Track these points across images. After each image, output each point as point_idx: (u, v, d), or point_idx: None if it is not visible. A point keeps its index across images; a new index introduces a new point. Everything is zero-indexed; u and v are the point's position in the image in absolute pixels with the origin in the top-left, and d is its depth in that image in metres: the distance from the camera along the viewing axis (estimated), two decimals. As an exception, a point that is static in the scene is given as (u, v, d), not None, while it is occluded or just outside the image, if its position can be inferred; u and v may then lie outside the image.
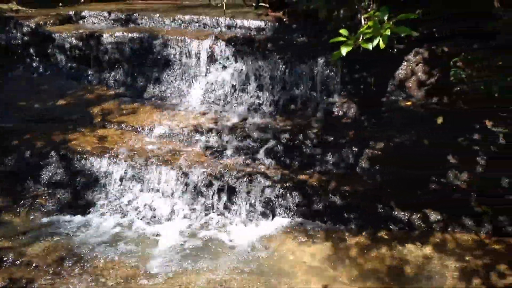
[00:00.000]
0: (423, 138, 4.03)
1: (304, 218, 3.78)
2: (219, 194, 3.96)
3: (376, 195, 3.77)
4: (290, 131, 4.43)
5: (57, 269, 3.18)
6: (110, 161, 4.16)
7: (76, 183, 4.12)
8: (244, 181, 3.97)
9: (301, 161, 4.19)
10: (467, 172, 3.73)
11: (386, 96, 4.62)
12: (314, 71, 4.93)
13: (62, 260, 3.27)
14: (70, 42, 5.81)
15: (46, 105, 5.37)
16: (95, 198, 4.02)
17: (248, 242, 3.56)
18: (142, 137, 4.62)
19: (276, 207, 3.86)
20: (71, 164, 4.21)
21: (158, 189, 4.06)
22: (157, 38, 5.50)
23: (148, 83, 5.51)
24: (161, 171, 4.09)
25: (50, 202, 3.99)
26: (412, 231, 3.54)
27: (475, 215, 3.51)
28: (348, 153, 4.12)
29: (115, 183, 4.07)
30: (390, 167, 3.92)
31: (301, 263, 3.30)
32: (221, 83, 5.14)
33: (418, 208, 3.62)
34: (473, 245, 3.32)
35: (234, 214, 3.90)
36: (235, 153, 4.34)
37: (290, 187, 3.90)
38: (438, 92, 4.38)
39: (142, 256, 3.37)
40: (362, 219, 3.68)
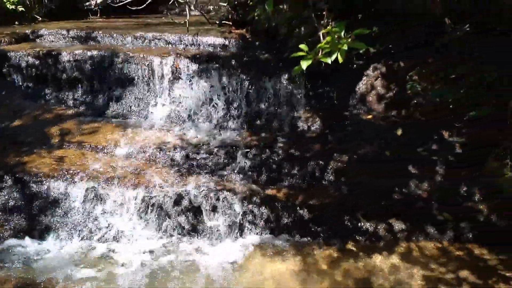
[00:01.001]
0: (385, 150, 4.14)
1: (273, 233, 3.76)
2: (185, 213, 3.87)
3: (342, 207, 3.81)
4: (256, 146, 4.44)
5: (11, 301, 2.97)
6: (68, 183, 3.98)
7: (33, 207, 3.91)
8: (211, 198, 3.91)
9: (269, 175, 4.19)
10: (427, 181, 3.86)
11: (348, 110, 4.74)
12: (278, 86, 4.99)
13: (18, 291, 3.06)
14: (27, 61, 5.59)
15: (1, 126, 5.10)
16: (53, 222, 3.82)
17: (216, 261, 3.49)
18: (103, 156, 4.47)
19: (244, 223, 3.82)
20: (27, 187, 3.99)
21: (121, 210, 3.91)
22: (119, 55, 5.39)
23: (109, 102, 5.37)
24: (123, 192, 3.95)
25: (4, 228, 3.75)
26: (379, 241, 3.59)
27: (437, 223, 3.62)
28: (314, 166, 4.17)
29: (74, 205, 3.89)
30: (355, 178, 3.99)
31: (271, 280, 3.27)
32: (185, 100, 5.10)
33: (383, 218, 3.69)
34: (437, 252, 3.41)
35: (201, 233, 3.82)
36: (202, 170, 4.27)
37: (258, 203, 3.88)
38: (396, 105, 4.54)
39: (106, 280, 3.22)
40: (330, 231, 3.70)
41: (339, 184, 4.02)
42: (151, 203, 3.91)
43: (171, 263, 3.46)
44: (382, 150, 4.16)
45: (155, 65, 5.24)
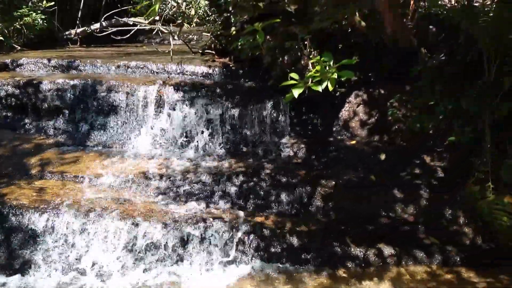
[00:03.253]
0: (369, 174, 4.21)
1: (263, 261, 3.71)
2: (173, 243, 3.78)
3: (331, 233, 3.82)
4: (243, 173, 4.43)
5: None
6: (50, 215, 3.85)
7: (12, 240, 3.74)
8: (199, 227, 3.85)
9: (256, 202, 4.18)
10: (412, 205, 3.94)
11: (333, 135, 4.84)
12: (263, 114, 5.06)
13: (-5, 332, 2.88)
14: (6, 90, 5.49)
15: (-24, 157, 4.93)
16: (34, 256, 3.65)
17: (206, 292, 3.39)
18: (85, 187, 4.36)
19: (234, 252, 3.76)
20: (5, 220, 3.83)
21: (105, 242, 3.79)
22: (101, 84, 5.37)
23: (91, 131, 5.30)
24: (107, 223, 3.84)
25: (-19, 265, 3.56)
26: (369, 267, 3.59)
27: (425, 247, 3.67)
28: (301, 192, 4.19)
29: (56, 238, 3.75)
30: (341, 204, 4.03)
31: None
32: (170, 128, 5.09)
33: (372, 243, 3.71)
34: (427, 277, 3.44)
35: (190, 264, 3.73)
36: (188, 199, 4.23)
37: (247, 231, 3.84)
38: (379, 130, 4.67)
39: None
40: (320, 258, 3.69)
41: (326, 210, 4.05)
42: (137, 234, 3.81)
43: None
44: (366, 175, 4.23)
45: (139, 93, 5.24)
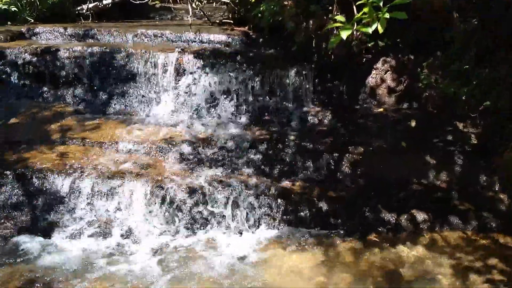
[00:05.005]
0: (399, 141, 4.08)
1: (291, 226, 3.63)
2: (199, 207, 3.71)
3: (361, 199, 3.71)
4: (267, 140, 4.32)
5: (21, 298, 2.75)
6: (74, 178, 3.79)
7: (37, 203, 3.69)
8: (225, 192, 3.76)
9: (282, 169, 4.07)
10: (445, 171, 3.80)
11: (359, 103, 4.69)
12: (286, 81, 4.91)
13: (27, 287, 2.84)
14: (23, 58, 5.39)
15: (-4, 125, 4.87)
16: (59, 219, 3.61)
17: (234, 254, 3.33)
18: (108, 152, 4.28)
19: (260, 216, 3.68)
20: (29, 183, 3.78)
21: (130, 205, 3.73)
22: (120, 51, 5.25)
23: (111, 99, 5.20)
24: (133, 186, 3.77)
25: (6, 225, 3.53)
26: (401, 232, 3.50)
27: (459, 213, 3.55)
28: (329, 159, 4.07)
29: (81, 201, 3.70)
30: (371, 170, 3.90)
31: (293, 272, 3.12)
32: (190, 95, 4.97)
33: (404, 210, 3.60)
34: (462, 242, 3.33)
35: (216, 227, 3.66)
36: (212, 165, 4.13)
37: (273, 196, 3.75)
38: (408, 97, 4.50)
39: (119, 277, 3.03)
40: (350, 223, 3.59)
41: (355, 176, 3.93)
42: (162, 197, 3.74)
43: (185, 258, 3.29)
44: (396, 142, 4.09)
45: (158, 61, 5.11)
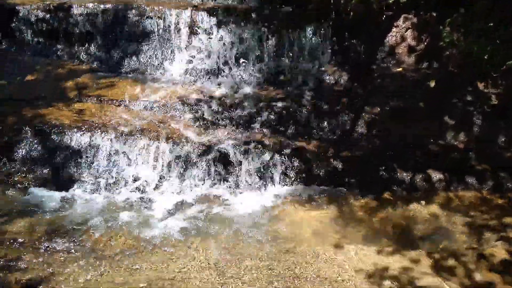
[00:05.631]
0: (418, 101, 4.01)
1: (305, 184, 3.66)
2: (214, 164, 3.75)
3: (376, 158, 3.70)
4: (282, 100, 4.29)
5: (45, 245, 2.87)
6: (92, 134, 3.84)
7: (56, 158, 3.77)
8: (240, 150, 3.78)
9: (297, 128, 4.06)
10: (464, 132, 3.75)
11: (376, 63, 4.57)
12: (302, 40, 4.79)
13: (49, 236, 2.96)
14: (36, 15, 5.33)
15: (13, 82, 4.90)
16: (78, 173, 3.69)
17: (250, 210, 3.40)
18: (124, 110, 4.31)
19: (275, 174, 3.71)
20: (48, 139, 3.85)
21: (147, 162, 3.78)
22: (133, 8, 5.15)
23: (125, 57, 5.16)
24: (150, 143, 3.81)
25: (27, 179, 3.63)
26: (416, 191, 3.51)
27: (475, 172, 3.53)
28: (344, 119, 4.04)
29: (99, 156, 3.76)
30: (388, 131, 3.87)
31: (308, 227, 3.18)
32: (205, 54, 4.90)
33: (420, 169, 3.59)
34: (477, 201, 3.33)
35: (230, 184, 3.71)
36: (227, 123, 4.14)
37: (288, 154, 3.76)
38: (428, 57, 4.37)
39: (138, 227, 3.13)
40: (365, 182, 3.61)
41: (370, 137, 3.90)
42: (179, 154, 3.78)
43: (202, 212, 3.37)
44: (414, 102, 4.02)
45: (171, 18, 5.01)
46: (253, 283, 2.63)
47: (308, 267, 2.79)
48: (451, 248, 2.91)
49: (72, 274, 2.64)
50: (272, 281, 2.67)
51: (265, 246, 2.96)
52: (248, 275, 2.69)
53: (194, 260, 2.81)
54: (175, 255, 2.85)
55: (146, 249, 2.89)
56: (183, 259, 2.82)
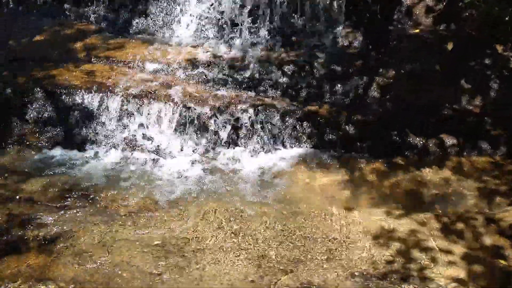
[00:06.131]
0: (434, 64, 3.90)
1: (316, 148, 3.66)
2: (225, 127, 3.74)
3: (389, 123, 3.66)
4: (294, 63, 4.20)
5: (60, 204, 2.94)
6: (104, 96, 3.83)
7: (68, 119, 3.79)
8: (251, 113, 3.76)
9: (309, 92, 4.00)
10: (479, 96, 3.66)
11: (393, 24, 4.42)
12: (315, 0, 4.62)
13: (64, 195, 3.03)
14: (41, -29, 5.19)
15: (21, 42, 4.86)
16: (90, 134, 3.72)
17: (261, 173, 3.42)
18: (134, 71, 4.26)
19: (286, 138, 3.70)
20: (59, 99, 3.85)
21: (158, 124, 3.79)
22: (141, -34, 4.98)
23: (133, 17, 5.05)
24: (160, 105, 3.80)
25: (40, 139, 3.67)
26: (428, 156, 3.48)
27: (490, 138, 3.48)
28: (358, 82, 3.96)
29: (111, 118, 3.77)
30: (402, 94, 3.79)
31: (318, 190, 3.20)
32: (214, 14, 4.76)
33: (433, 134, 3.55)
34: (490, 167, 3.31)
35: (241, 148, 3.72)
36: (237, 86, 4.09)
37: (299, 118, 3.73)
38: (446, 18, 4.21)
39: (150, 188, 3.18)
40: (376, 147, 3.59)
41: (384, 101, 3.84)
42: (187, 116, 3.77)
43: (213, 173, 3.40)
44: (430, 65, 3.91)
45: (180, -25, 4.84)
46: (264, 244, 2.69)
47: (318, 229, 2.83)
48: (461, 212, 2.93)
49: (87, 231, 2.72)
50: (282, 241, 2.72)
51: (275, 208, 3.00)
52: (259, 236, 2.74)
53: (206, 220, 2.86)
54: (187, 215, 2.90)
55: (159, 208, 2.95)
56: (195, 218, 2.88)
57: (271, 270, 2.51)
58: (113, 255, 2.54)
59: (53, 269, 2.42)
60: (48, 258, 2.49)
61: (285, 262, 2.56)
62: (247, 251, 2.62)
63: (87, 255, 2.53)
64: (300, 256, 2.60)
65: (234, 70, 4.22)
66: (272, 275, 2.47)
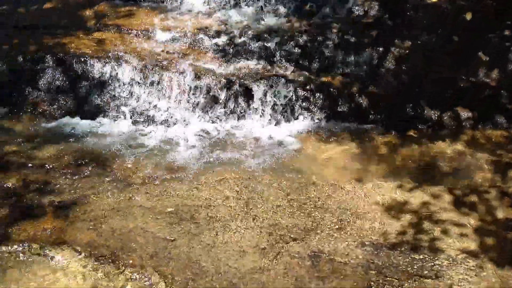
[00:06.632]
0: (451, 36, 3.79)
1: (328, 119, 3.63)
2: (236, 97, 3.71)
3: (403, 95, 3.60)
4: (308, 33, 4.11)
5: (74, 171, 2.97)
6: (114, 64, 3.79)
7: (79, 87, 3.78)
8: (262, 83, 3.71)
9: (322, 63, 3.93)
10: (497, 69, 3.57)
11: (410, -7, 4.27)
12: (330, -34, 4.48)
13: (78, 162, 3.06)
14: None
15: (30, 10, 4.80)
16: (101, 103, 3.72)
17: (272, 143, 3.41)
18: (144, 40, 4.21)
19: (298, 109, 3.67)
20: (70, 68, 3.83)
21: (169, 94, 3.77)
22: None
23: (143, -16, 4.93)
24: (171, 75, 3.76)
25: (52, 107, 3.68)
26: (442, 129, 3.44)
27: (506, 111, 3.41)
28: (372, 54, 3.87)
29: (122, 87, 3.75)
30: (417, 67, 3.71)
31: (330, 161, 3.19)
32: (226, -19, 4.64)
33: (448, 107, 3.49)
34: (505, 140, 3.26)
35: (252, 118, 3.69)
36: (249, 56, 4.02)
37: (311, 89, 3.68)
38: (467, -13, 4.05)
39: (162, 157, 3.19)
40: (390, 119, 3.54)
41: (399, 72, 3.76)
42: (199, 87, 3.74)
43: (224, 144, 3.40)
44: (448, 36, 3.80)
45: None
46: (276, 213, 2.71)
47: (329, 199, 2.84)
48: (474, 185, 2.91)
49: (101, 198, 2.76)
50: (293, 211, 2.74)
51: (287, 179, 3.01)
52: (271, 206, 2.76)
53: (218, 190, 2.89)
54: (199, 184, 2.92)
55: (171, 177, 2.97)
56: (207, 188, 2.90)
57: (282, 238, 2.53)
58: (127, 221, 2.58)
59: (69, 233, 2.47)
60: (63, 223, 2.54)
61: (296, 231, 2.58)
62: (259, 219, 2.65)
63: (102, 220, 2.57)
64: (311, 225, 2.62)
65: (246, 40, 4.14)
66: (283, 243, 2.50)
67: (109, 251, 2.38)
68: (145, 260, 2.34)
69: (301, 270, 2.34)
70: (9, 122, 3.53)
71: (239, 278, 2.28)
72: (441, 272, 2.32)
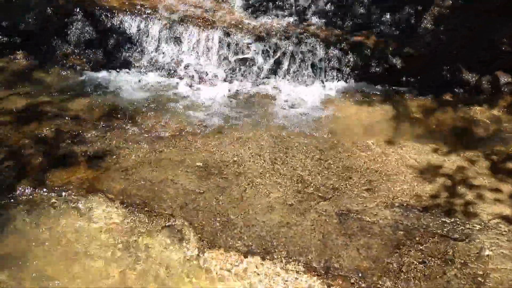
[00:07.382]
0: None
1: (360, 80, 3.52)
2: (265, 55, 3.62)
3: (440, 57, 3.44)
4: (341, -12, 3.92)
5: (106, 123, 3.00)
6: (142, 19, 3.74)
7: (107, 41, 3.76)
8: (293, 42, 3.60)
9: (355, 21, 3.78)
10: (545, 31, 3.35)
11: None
12: None
13: (109, 115, 3.09)
14: None
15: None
16: (131, 57, 3.71)
17: (301, 104, 3.36)
18: (172, -4, 4.11)
19: (329, 69, 3.56)
20: (99, 21, 3.80)
21: (198, 50, 3.71)
22: None
23: None
24: (200, 31, 3.69)
25: (82, 60, 3.69)
26: (479, 94, 3.30)
27: (551, 76, 3.23)
28: (410, 12, 3.68)
29: (151, 41, 3.72)
30: (457, 27, 3.52)
31: (361, 123, 3.13)
32: None
33: (487, 71, 3.32)
34: (547, 107, 3.10)
35: (282, 77, 3.62)
36: (279, 13, 3.89)
37: (344, 49, 3.56)
38: None
39: (190, 113, 3.19)
40: (425, 82, 3.41)
41: (437, 33, 3.58)
42: (228, 43, 3.67)
43: (252, 102, 3.37)
44: (492, -3, 3.57)
45: None
46: (304, 171, 2.69)
47: (358, 160, 2.80)
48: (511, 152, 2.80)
49: (132, 150, 2.79)
50: (322, 170, 2.71)
51: (315, 138, 2.97)
52: (299, 164, 2.74)
53: (246, 146, 2.88)
54: (227, 141, 2.92)
55: (200, 132, 2.97)
56: (235, 144, 2.89)
57: (310, 196, 2.53)
58: (158, 172, 2.61)
59: (101, 182, 2.52)
60: (96, 172, 2.59)
61: (324, 190, 2.57)
62: (287, 177, 2.64)
63: (134, 171, 2.62)
64: (339, 185, 2.60)
65: (276, -4, 4.00)
66: (311, 200, 2.49)
67: (141, 200, 2.43)
68: (175, 210, 2.38)
69: (329, 226, 2.34)
70: (41, 73, 3.56)
71: (267, 231, 2.31)
72: (472, 236, 2.29)
